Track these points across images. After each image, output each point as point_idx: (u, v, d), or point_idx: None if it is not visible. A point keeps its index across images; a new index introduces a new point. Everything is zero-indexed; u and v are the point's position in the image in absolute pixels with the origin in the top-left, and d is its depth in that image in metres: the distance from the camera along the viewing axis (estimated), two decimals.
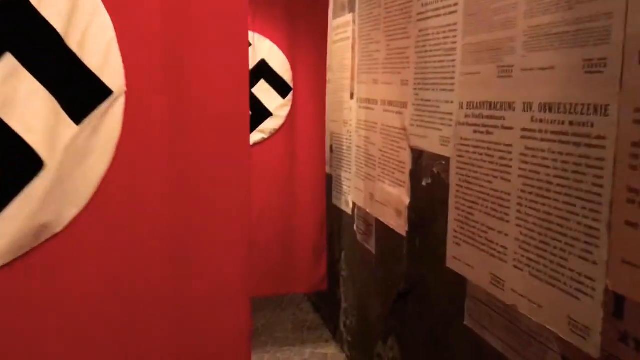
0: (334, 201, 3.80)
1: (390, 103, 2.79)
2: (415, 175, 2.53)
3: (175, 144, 1.81)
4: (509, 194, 1.79)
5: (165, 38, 1.78)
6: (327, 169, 3.87)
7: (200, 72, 1.83)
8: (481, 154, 1.96)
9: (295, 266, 3.46)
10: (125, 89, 1.73)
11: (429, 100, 2.37)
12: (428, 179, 2.40)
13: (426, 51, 2.39)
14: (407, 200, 2.60)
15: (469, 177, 2.04)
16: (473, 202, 2.01)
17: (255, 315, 4.08)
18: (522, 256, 1.72)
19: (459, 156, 2.11)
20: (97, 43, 1.70)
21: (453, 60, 2.16)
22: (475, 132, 2.00)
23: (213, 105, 1.86)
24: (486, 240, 1.94)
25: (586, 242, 1.46)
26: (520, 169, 1.73)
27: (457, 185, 2.13)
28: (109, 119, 1.72)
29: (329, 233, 3.69)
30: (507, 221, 1.80)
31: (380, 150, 2.94)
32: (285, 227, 3.43)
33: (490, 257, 1.90)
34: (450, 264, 2.19)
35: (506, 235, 1.81)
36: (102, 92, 1.71)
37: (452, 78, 2.16)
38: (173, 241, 1.83)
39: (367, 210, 3.15)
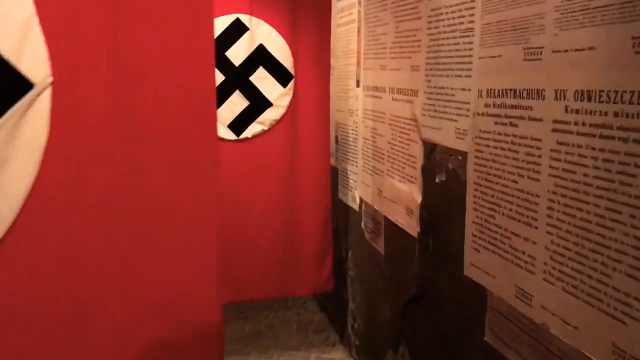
0: (340, 196, 3.57)
1: (400, 91, 2.55)
2: (427, 171, 2.29)
3: (119, 147, 1.47)
4: (537, 196, 1.55)
5: (106, 14, 1.42)
6: (333, 162, 3.64)
7: (151, 57, 1.48)
8: (504, 149, 1.72)
9: (298, 266, 3.24)
10: (51, 79, 1.38)
11: (442, 88, 2.13)
12: (442, 176, 2.16)
13: (439, 33, 2.15)
14: (418, 198, 2.37)
15: (489, 174, 1.80)
16: (494, 204, 1.77)
17: (257, 316, 3.92)
18: (554, 268, 1.49)
19: (478, 151, 1.87)
20: (9, 21, 1.32)
21: (470, 43, 1.91)
22: (496, 123, 1.76)
23: (169, 97, 1.53)
24: (510, 247, 1.70)
25: (635, 257, 1.22)
26: (551, 167, 1.49)
27: (475, 183, 1.89)
28: (31, 119, 1.36)
29: (334, 230, 3.46)
30: (536, 227, 1.56)
31: (389, 143, 2.70)
32: (287, 224, 3.21)
33: (516, 267, 1.66)
34: (468, 271, 1.96)
35: (534, 243, 1.57)
36: (19, 85, 1.35)
37: (469, 62, 1.92)
38: (120, 261, 1.56)
39: (375, 207, 2.92)
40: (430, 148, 2.26)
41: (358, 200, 3.22)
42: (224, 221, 3.15)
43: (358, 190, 3.23)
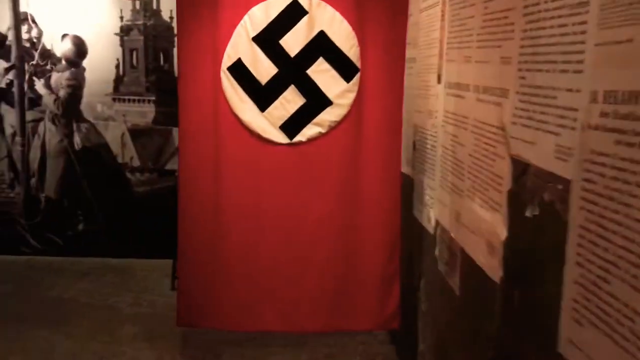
0: (415, 212, 3.01)
1: (485, 90, 1.97)
2: (516, 199, 1.71)
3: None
4: None
5: None
6: (409, 171, 3.08)
7: None
8: (629, 183, 1.12)
9: (358, 295, 2.73)
10: None
11: (540, 87, 1.54)
12: (534, 208, 1.57)
13: (540, 11, 1.56)
14: (502, 233, 1.78)
15: (604, 217, 1.21)
16: (610, 262, 1.18)
17: (316, 343, 3.45)
18: None
19: (588, 181, 1.27)
20: None
21: (583, 23, 1.32)
22: (619, 143, 1.16)
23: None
24: (630, 332, 1.11)
25: None
26: None
27: (582, 227, 1.30)
28: None
29: (405, 252, 2.91)
30: None
31: (471, 155, 2.12)
32: (346, 244, 2.70)
33: None
34: (564, 349, 1.37)
35: None
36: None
37: (581, 52, 1.32)
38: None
39: (452, 235, 2.35)
40: (521, 168, 1.67)
41: (433, 222, 2.65)
42: (271, 238, 2.70)
43: (434, 209, 2.66)
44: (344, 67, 2.59)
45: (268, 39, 2.59)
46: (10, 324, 3.74)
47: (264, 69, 2.60)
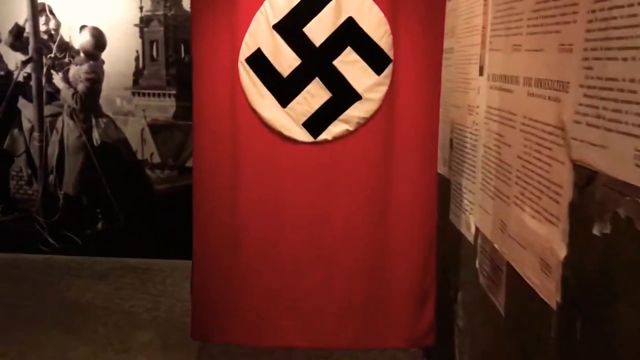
0: (452, 217, 2.74)
1: (539, 82, 1.70)
2: (579, 212, 1.44)
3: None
4: None
5: None
6: (444, 171, 2.81)
7: None
8: None
9: (388, 309, 2.47)
10: None
11: (613, 80, 1.28)
12: (605, 226, 1.31)
13: None
14: (561, 252, 1.52)
15: None
16: None
17: (341, 354, 3.20)
18: None
19: None
20: None
21: None
22: None
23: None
24: None
25: None
26: None
27: None
28: None
29: (441, 261, 2.65)
30: None
31: (520, 158, 1.85)
32: (376, 252, 2.44)
33: None
34: None
35: None
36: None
37: None
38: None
39: (496, 246, 2.08)
40: (586, 176, 1.40)
41: (473, 230, 2.39)
42: (292, 244, 2.47)
43: (474, 215, 2.39)
44: (375, 58, 2.32)
45: (290, 27, 2.34)
46: (25, 326, 3.59)
47: (285, 60, 2.35)
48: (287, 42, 2.35)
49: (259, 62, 2.36)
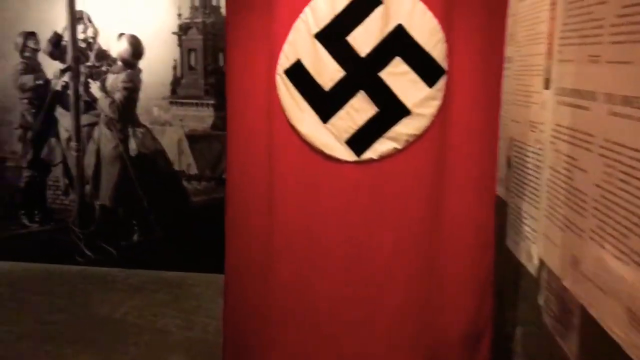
0: (509, 243, 2.48)
1: (626, 101, 1.44)
2: None
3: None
4: None
5: None
6: (501, 192, 2.56)
7: None
8: None
9: (439, 353, 2.22)
10: None
11: None
12: None
13: None
14: None
15: None
16: None
17: None
18: None
19: None
20: None
21: None
22: None
23: None
24: None
25: None
26: None
27: None
28: None
29: (497, 291, 2.39)
30: None
31: (598, 187, 1.59)
32: (426, 287, 2.19)
33: None
34: None
35: None
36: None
37: None
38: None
39: (565, 284, 1.82)
40: None
41: (536, 261, 2.13)
42: (331, 273, 2.24)
43: (537, 245, 2.13)
44: (427, 69, 2.09)
45: (333, 36, 2.13)
46: (55, 344, 3.49)
47: (327, 72, 2.14)
48: (330, 52, 2.14)
49: (298, 74, 2.16)
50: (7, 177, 4.82)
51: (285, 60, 2.17)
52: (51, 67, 4.61)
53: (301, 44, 2.15)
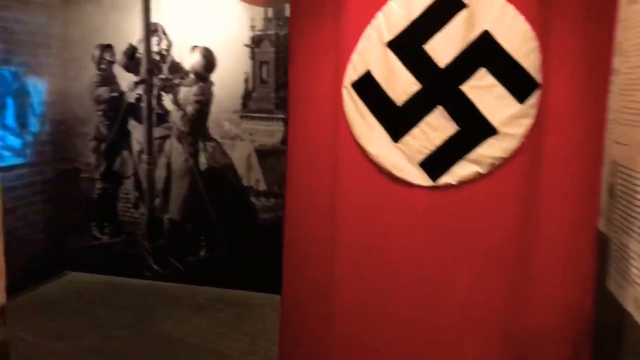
0: (610, 286, 2.13)
1: None
2: None
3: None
4: None
5: None
6: (601, 225, 2.21)
7: None
8: None
9: None
10: None
11: None
12: None
13: None
14: None
15: None
16: None
17: None
18: None
19: None
20: None
21: None
22: None
23: None
24: None
25: None
26: None
27: None
28: None
29: (597, 341, 2.04)
30: None
31: None
32: (510, 336, 1.89)
33: None
34: None
35: None
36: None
37: None
38: None
39: None
40: None
41: None
42: (399, 314, 1.99)
43: None
44: (517, 82, 1.81)
45: (408, 44, 1.89)
46: None
47: (401, 85, 1.90)
48: (404, 62, 1.90)
49: (368, 87, 1.93)
50: (81, 188, 4.86)
51: (353, 72, 1.95)
52: (125, 79, 4.61)
53: (372, 54, 1.93)
